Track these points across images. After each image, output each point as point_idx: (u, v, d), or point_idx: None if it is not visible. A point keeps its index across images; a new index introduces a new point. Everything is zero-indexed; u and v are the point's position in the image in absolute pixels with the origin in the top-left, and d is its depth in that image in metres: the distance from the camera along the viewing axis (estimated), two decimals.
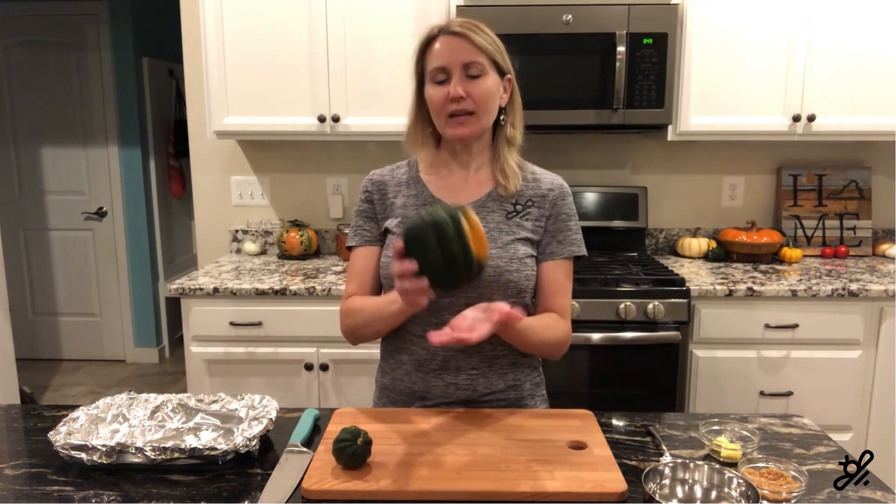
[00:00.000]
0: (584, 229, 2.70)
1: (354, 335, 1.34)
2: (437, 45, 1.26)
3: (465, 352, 1.31)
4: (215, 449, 1.07)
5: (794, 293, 2.22)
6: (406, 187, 1.36)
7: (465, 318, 1.10)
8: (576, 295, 2.18)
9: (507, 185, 1.32)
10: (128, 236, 4.29)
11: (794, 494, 0.98)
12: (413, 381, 1.34)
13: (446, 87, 1.25)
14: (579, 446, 1.13)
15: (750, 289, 2.22)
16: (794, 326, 2.24)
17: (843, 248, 2.74)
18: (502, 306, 1.08)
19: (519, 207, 1.33)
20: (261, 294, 2.26)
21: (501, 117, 1.34)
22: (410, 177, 1.37)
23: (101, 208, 4.26)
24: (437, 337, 1.02)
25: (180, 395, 1.27)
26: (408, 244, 1.06)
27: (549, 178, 1.37)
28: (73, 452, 1.07)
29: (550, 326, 1.31)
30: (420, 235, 1.04)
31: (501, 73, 1.29)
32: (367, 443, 1.05)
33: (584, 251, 1.38)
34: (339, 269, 2.56)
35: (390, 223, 1.34)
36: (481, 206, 1.32)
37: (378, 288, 1.38)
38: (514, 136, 1.34)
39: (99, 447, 1.07)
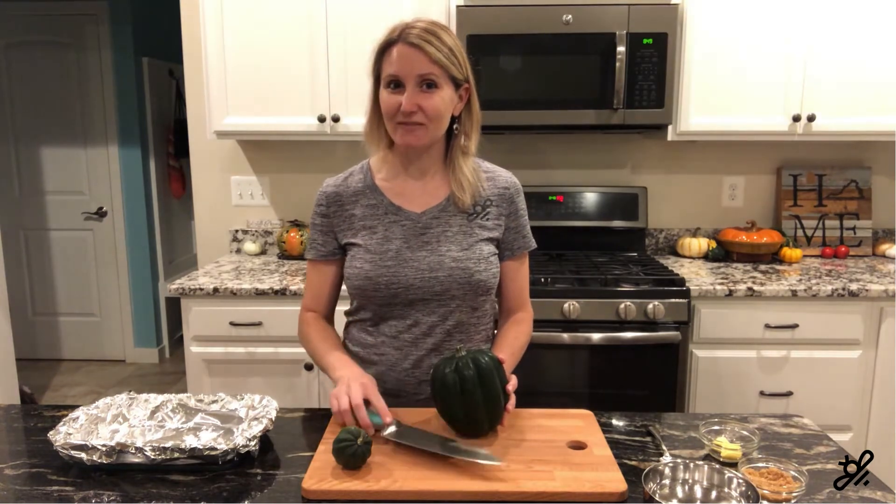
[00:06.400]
0: (584, 229, 2.76)
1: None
2: (394, 52, 1.24)
3: (437, 350, 1.34)
4: (215, 449, 1.07)
5: (794, 293, 2.22)
6: (363, 196, 1.36)
7: None
8: (576, 295, 2.19)
9: (463, 199, 1.33)
10: (128, 236, 4.29)
11: (794, 494, 0.98)
12: (385, 380, 1.36)
13: (398, 94, 1.24)
14: (579, 446, 1.13)
15: (750, 289, 2.22)
16: (794, 326, 2.24)
17: (843, 248, 2.74)
18: None
19: (479, 209, 1.36)
20: (261, 294, 2.26)
21: (455, 126, 1.33)
22: (366, 185, 1.37)
23: (101, 208, 4.26)
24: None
25: (180, 395, 1.27)
26: (445, 387, 1.13)
27: (504, 176, 1.41)
28: (73, 452, 1.07)
29: (517, 337, 1.40)
30: (469, 392, 1.12)
31: (457, 83, 1.28)
32: (367, 443, 1.05)
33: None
34: None
35: (354, 237, 1.35)
36: (442, 209, 1.34)
37: (333, 301, 1.44)
38: (469, 147, 1.35)
39: (99, 447, 1.07)
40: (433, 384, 1.15)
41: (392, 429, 1.14)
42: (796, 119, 2.42)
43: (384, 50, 1.27)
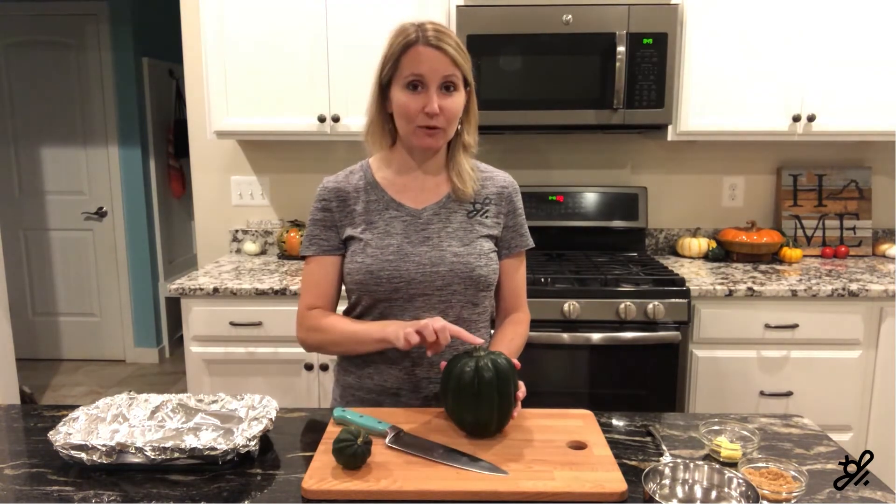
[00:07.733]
0: (584, 229, 2.76)
1: (319, 350, 1.40)
2: (417, 53, 1.24)
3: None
4: (215, 449, 1.07)
5: (794, 293, 2.22)
6: (364, 192, 1.37)
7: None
8: (576, 295, 2.19)
9: (464, 188, 1.36)
10: (128, 236, 4.29)
11: (794, 494, 0.98)
12: (385, 378, 1.36)
13: (419, 95, 1.25)
14: (579, 446, 1.13)
15: (750, 289, 2.22)
16: (794, 326, 2.24)
17: (843, 248, 2.74)
18: None
19: (478, 206, 1.38)
20: (261, 294, 2.26)
21: (458, 125, 1.35)
22: (367, 182, 1.37)
23: (101, 208, 4.26)
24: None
25: (180, 395, 1.27)
26: (455, 385, 1.14)
27: (502, 176, 1.43)
28: (73, 452, 1.07)
29: (513, 339, 1.39)
30: (482, 391, 1.12)
31: (466, 84, 1.31)
32: (367, 443, 1.05)
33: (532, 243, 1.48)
34: None
35: (355, 231, 1.35)
36: (442, 206, 1.36)
37: (336, 298, 1.40)
38: (470, 143, 1.38)
39: (99, 447, 1.07)
40: (447, 381, 1.15)
41: (392, 435, 1.14)
42: (796, 119, 2.42)
43: (404, 50, 1.25)
